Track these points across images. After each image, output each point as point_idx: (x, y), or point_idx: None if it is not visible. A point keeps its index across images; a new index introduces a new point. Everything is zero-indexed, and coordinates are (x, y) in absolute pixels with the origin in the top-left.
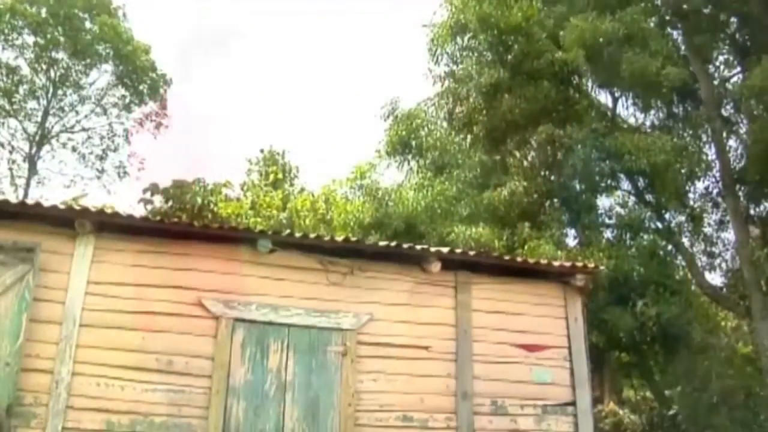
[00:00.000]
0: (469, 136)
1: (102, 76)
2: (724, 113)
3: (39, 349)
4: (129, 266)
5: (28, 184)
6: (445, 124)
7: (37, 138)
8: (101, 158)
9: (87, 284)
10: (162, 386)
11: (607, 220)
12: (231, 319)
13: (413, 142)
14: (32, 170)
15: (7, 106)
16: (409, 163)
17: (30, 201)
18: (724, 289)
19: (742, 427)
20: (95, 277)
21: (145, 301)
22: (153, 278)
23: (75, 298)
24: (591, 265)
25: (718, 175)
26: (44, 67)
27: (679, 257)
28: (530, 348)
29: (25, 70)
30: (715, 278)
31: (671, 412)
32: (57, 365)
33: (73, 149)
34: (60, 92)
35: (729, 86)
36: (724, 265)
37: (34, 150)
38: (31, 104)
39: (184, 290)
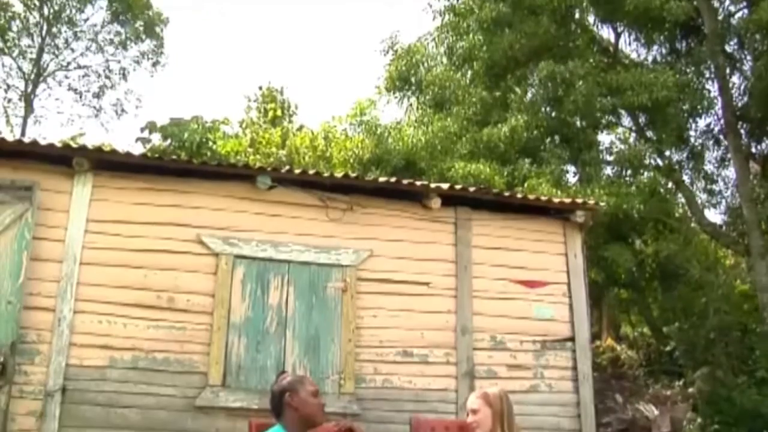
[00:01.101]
0: (469, 72)
1: (97, 12)
2: (728, 49)
3: (40, 287)
4: (128, 204)
5: (24, 123)
6: (444, 59)
7: (32, 76)
8: (98, 96)
9: (86, 222)
10: (163, 323)
11: (607, 157)
12: (231, 256)
13: (413, 78)
14: (28, 109)
15: (1, 44)
16: (408, 100)
17: (27, 139)
18: (724, 227)
19: (739, 363)
20: (94, 215)
21: (144, 238)
22: (152, 216)
23: (75, 236)
24: (591, 201)
25: (720, 112)
26: (37, 3)
27: (679, 195)
28: (530, 284)
29: (18, 7)
30: (714, 216)
31: (668, 348)
32: (59, 303)
33: (70, 87)
34: (54, 29)
35: (734, 21)
36: (723, 202)
37: (29, 88)
38: (26, 41)
39: (184, 227)
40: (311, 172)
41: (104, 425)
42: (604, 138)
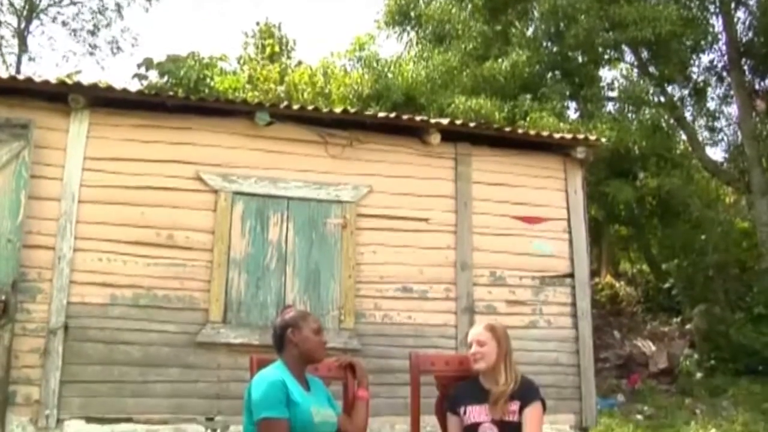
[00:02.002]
0: (469, 6)
1: None
2: None
3: (39, 225)
4: (125, 141)
5: (19, 61)
6: None
7: (24, 12)
8: (93, 33)
9: (84, 160)
10: (163, 260)
11: (609, 93)
12: (230, 193)
13: (412, 12)
14: (22, 46)
15: None
16: (408, 34)
17: (21, 76)
18: (725, 164)
19: (736, 300)
20: (92, 153)
21: (143, 176)
22: (150, 153)
23: (72, 174)
24: (592, 137)
25: (723, 47)
26: None
27: (681, 131)
28: (530, 220)
29: None
30: (716, 153)
31: (667, 285)
32: (58, 241)
33: (64, 24)
34: None
35: None
36: (725, 139)
37: (23, 25)
38: None
39: (182, 164)
40: (310, 107)
41: (107, 361)
42: (606, 74)
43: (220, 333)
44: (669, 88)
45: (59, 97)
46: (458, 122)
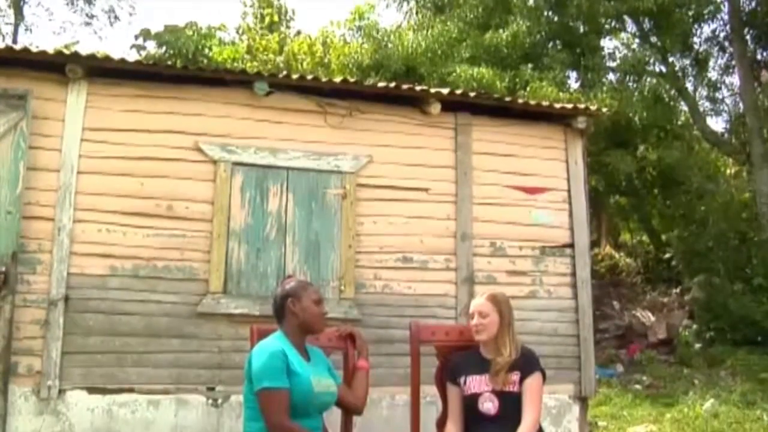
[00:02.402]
0: None
1: None
2: None
3: (39, 196)
4: (124, 112)
5: (15, 31)
6: None
7: None
8: (90, 2)
9: (82, 131)
10: (163, 231)
11: (610, 63)
12: (229, 163)
13: None
14: (18, 16)
15: None
16: (408, 3)
17: (18, 46)
18: (726, 135)
19: (735, 271)
20: (90, 124)
21: (141, 146)
22: (149, 123)
23: (71, 145)
24: (593, 107)
25: (726, 17)
26: None
27: (682, 102)
28: (530, 190)
29: None
30: (717, 124)
31: (666, 256)
32: (58, 212)
33: None
34: None
35: None
36: (727, 110)
37: None
38: None
39: (181, 135)
40: (309, 77)
41: (108, 332)
42: (608, 43)
43: (221, 303)
44: (670, 59)
45: (57, 67)
46: (458, 92)
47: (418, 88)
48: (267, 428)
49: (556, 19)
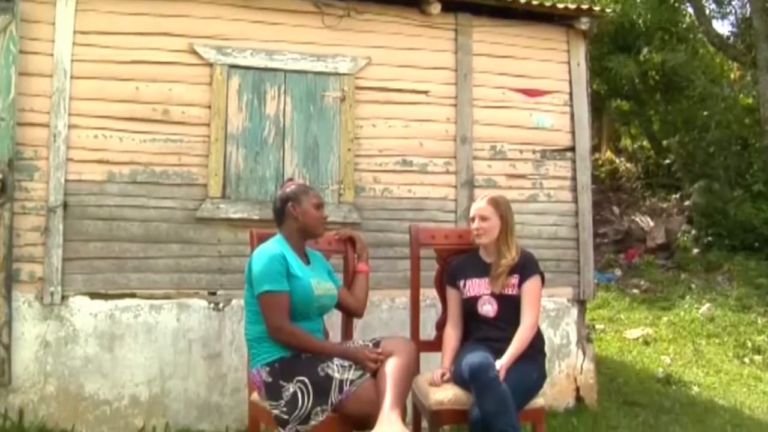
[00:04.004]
0: None
1: None
2: None
3: (32, 103)
4: (116, 14)
5: None
6: None
7: None
8: None
9: (73, 34)
10: (160, 136)
11: None
12: (225, 66)
13: None
14: None
15: None
16: None
17: None
18: (731, 39)
19: (736, 177)
20: (81, 26)
21: (135, 50)
22: (142, 26)
23: (63, 49)
24: (597, 8)
25: None
26: None
27: (687, 3)
28: (531, 93)
29: None
30: (723, 27)
31: (667, 161)
32: (52, 119)
33: None
34: None
35: None
36: (733, 13)
37: None
38: None
39: (175, 37)
40: None
41: (107, 238)
42: None
43: (220, 208)
44: None
45: None
46: None
47: None
48: (268, 331)
49: None
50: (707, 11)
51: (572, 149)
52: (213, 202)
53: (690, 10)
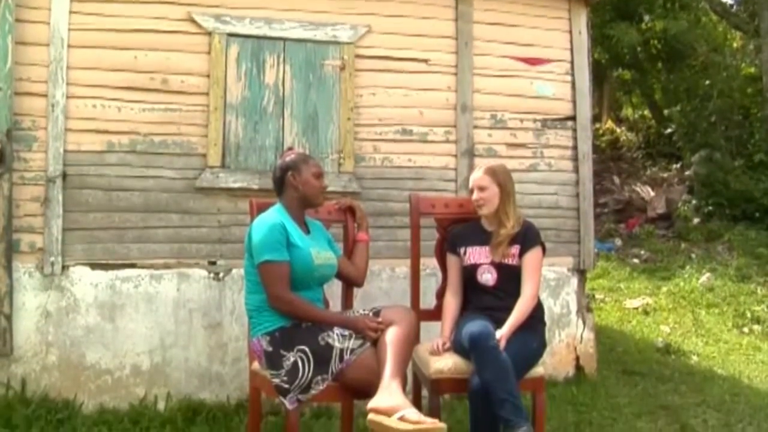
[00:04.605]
0: None
1: None
2: None
3: (29, 72)
4: None
5: None
6: None
7: None
8: None
9: (71, 2)
10: (159, 105)
11: None
12: (224, 34)
13: None
14: None
15: None
16: None
17: None
18: (734, 7)
19: (737, 146)
20: None
21: (133, 18)
22: None
23: (59, 17)
24: None
25: None
26: None
27: None
28: (532, 61)
29: None
30: None
31: (668, 131)
32: (50, 88)
33: None
34: None
35: None
36: None
37: None
38: None
39: (173, 5)
40: None
41: (107, 209)
42: None
43: (219, 178)
44: None
45: None
46: None
47: None
48: (268, 300)
49: None
50: None
51: (573, 118)
52: (212, 172)
53: None
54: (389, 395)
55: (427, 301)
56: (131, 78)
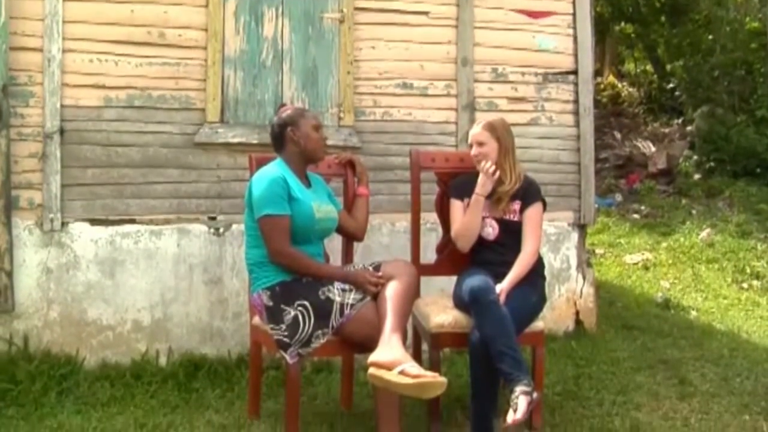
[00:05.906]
0: None
1: None
2: None
3: (24, 26)
4: None
5: None
6: None
7: None
8: None
9: None
10: (156, 59)
11: None
12: None
13: None
14: None
15: None
16: None
17: None
18: None
19: (740, 102)
20: None
21: None
22: None
23: None
24: None
25: None
26: None
27: None
28: (533, 14)
29: None
30: None
31: (670, 86)
32: (46, 43)
33: None
34: None
35: None
36: None
37: None
38: None
39: None
40: None
41: (105, 164)
42: None
43: (218, 133)
44: None
45: None
46: None
47: None
48: (268, 255)
49: None
50: None
51: (575, 72)
52: (211, 127)
53: None
54: (389, 349)
55: (428, 256)
56: (128, 32)
